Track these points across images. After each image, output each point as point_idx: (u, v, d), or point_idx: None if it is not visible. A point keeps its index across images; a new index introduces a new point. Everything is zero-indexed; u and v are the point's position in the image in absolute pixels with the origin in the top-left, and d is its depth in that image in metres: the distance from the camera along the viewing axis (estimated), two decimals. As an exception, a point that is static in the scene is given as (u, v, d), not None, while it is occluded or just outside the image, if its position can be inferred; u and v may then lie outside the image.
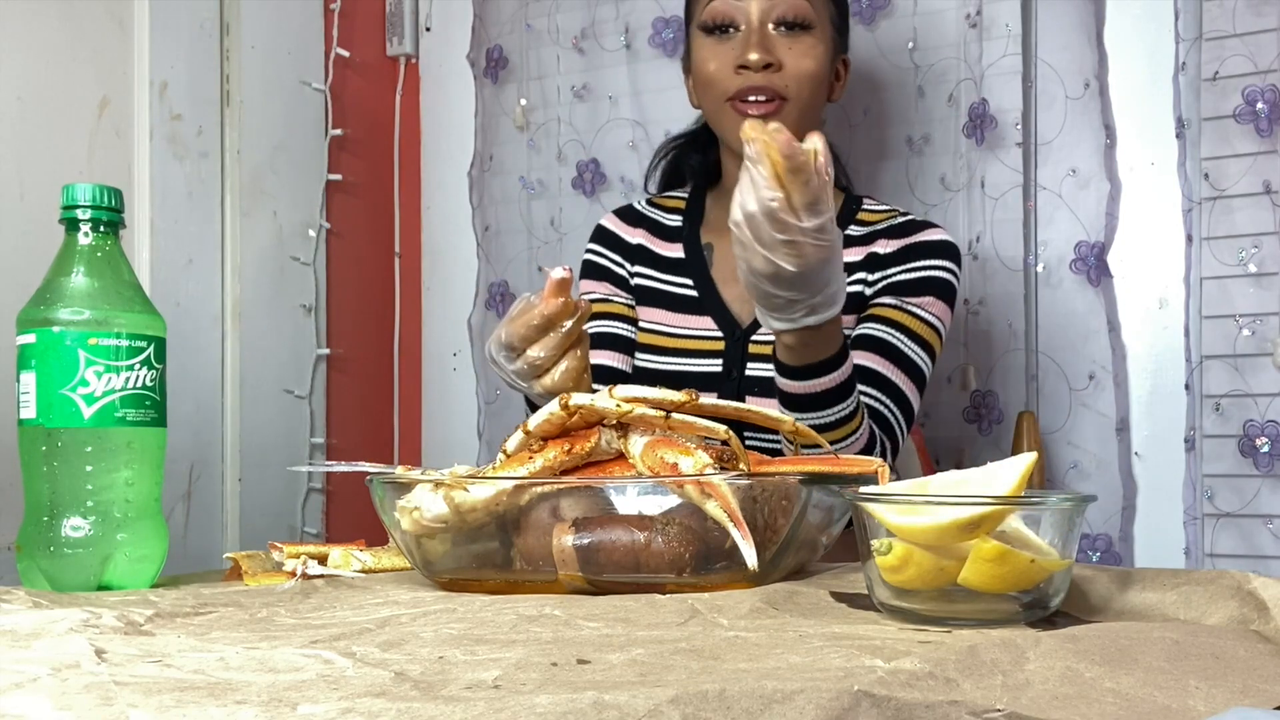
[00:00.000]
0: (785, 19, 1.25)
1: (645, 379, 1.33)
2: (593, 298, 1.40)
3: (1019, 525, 0.67)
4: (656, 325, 1.36)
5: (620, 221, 1.43)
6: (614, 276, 1.41)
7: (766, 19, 1.25)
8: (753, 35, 1.25)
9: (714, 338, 1.32)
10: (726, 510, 0.75)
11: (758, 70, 1.24)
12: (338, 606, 0.77)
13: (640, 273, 1.40)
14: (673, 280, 1.37)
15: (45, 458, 0.88)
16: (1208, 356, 1.46)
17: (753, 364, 1.29)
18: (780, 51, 1.25)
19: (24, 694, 0.50)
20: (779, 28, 1.25)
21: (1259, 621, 0.65)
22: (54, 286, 0.90)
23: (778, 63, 1.25)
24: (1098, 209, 1.53)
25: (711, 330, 1.32)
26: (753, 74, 1.24)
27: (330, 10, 1.84)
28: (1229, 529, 1.45)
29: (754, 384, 1.28)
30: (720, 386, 1.29)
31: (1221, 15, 1.45)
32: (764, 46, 1.24)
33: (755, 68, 1.24)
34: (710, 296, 1.34)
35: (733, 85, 1.26)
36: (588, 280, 1.42)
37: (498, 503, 0.80)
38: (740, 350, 1.30)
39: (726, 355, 1.31)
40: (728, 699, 0.46)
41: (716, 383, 1.30)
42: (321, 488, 1.80)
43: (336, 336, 1.84)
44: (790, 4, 1.25)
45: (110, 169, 1.50)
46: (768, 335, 1.28)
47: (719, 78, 1.26)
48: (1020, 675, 0.53)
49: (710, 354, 1.31)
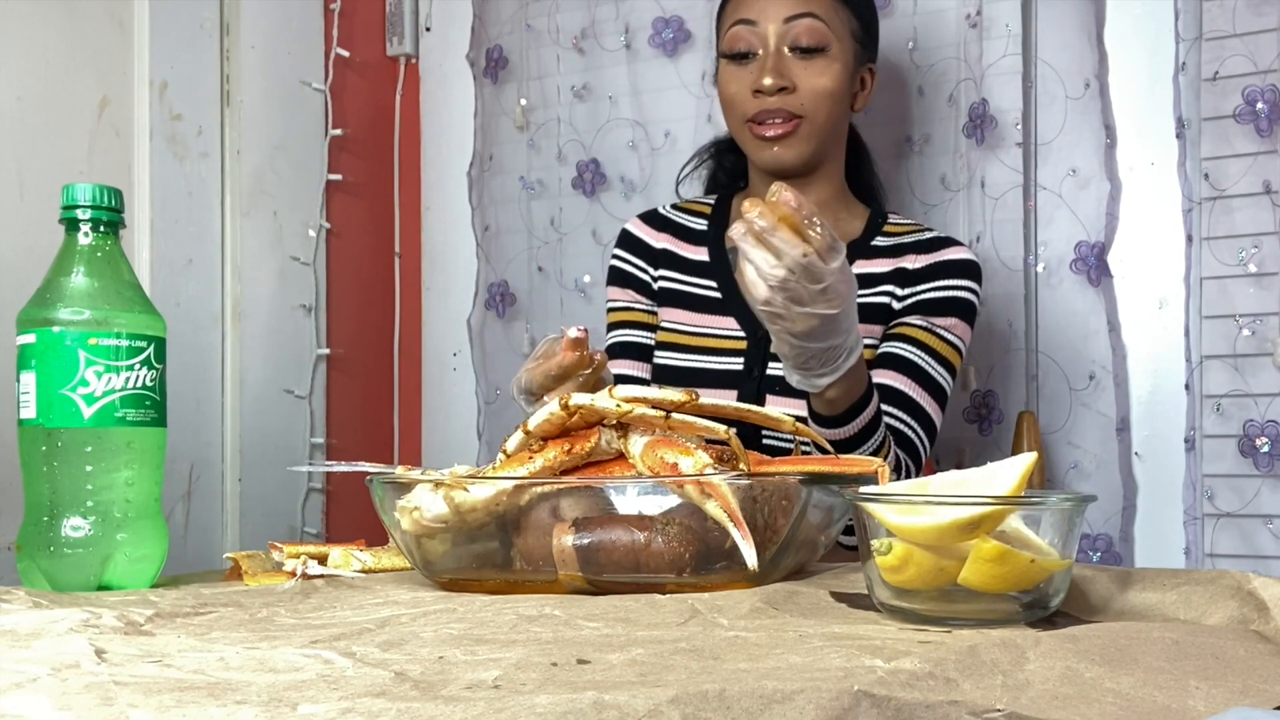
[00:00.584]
0: (800, 43, 1.29)
1: (667, 377, 1.36)
2: (616, 305, 1.44)
3: (1019, 525, 0.67)
4: (678, 325, 1.39)
5: (646, 226, 1.45)
6: (638, 282, 1.43)
7: (782, 43, 1.30)
8: (769, 60, 1.29)
9: (737, 337, 1.34)
10: (726, 510, 0.75)
11: (772, 94, 1.29)
12: (338, 606, 0.77)
13: (664, 275, 1.42)
14: (696, 282, 1.40)
15: (45, 458, 0.88)
16: (1208, 356, 1.46)
17: (774, 363, 1.31)
18: (795, 74, 1.29)
19: (24, 694, 0.50)
20: (795, 51, 1.29)
21: (1259, 621, 0.65)
22: (54, 286, 0.90)
23: (792, 85, 1.29)
24: (1098, 209, 1.53)
25: (734, 330, 1.35)
26: (768, 98, 1.29)
27: (330, 10, 1.84)
28: (1229, 529, 1.45)
29: (775, 383, 1.30)
30: (742, 385, 1.31)
31: (1221, 15, 1.45)
32: (778, 71, 1.29)
33: (769, 92, 1.29)
34: (733, 297, 1.35)
35: (750, 108, 1.31)
36: (613, 287, 1.46)
37: (498, 503, 0.80)
38: (762, 350, 1.32)
39: (748, 355, 1.33)
40: (728, 699, 0.46)
41: (738, 380, 1.32)
42: (321, 488, 1.80)
43: (336, 336, 1.84)
44: (806, 28, 1.29)
45: (110, 169, 1.50)
46: None
47: (738, 101, 1.32)
48: (1020, 675, 0.53)
49: (732, 353, 1.34)
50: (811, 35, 1.29)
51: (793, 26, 1.29)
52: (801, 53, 1.29)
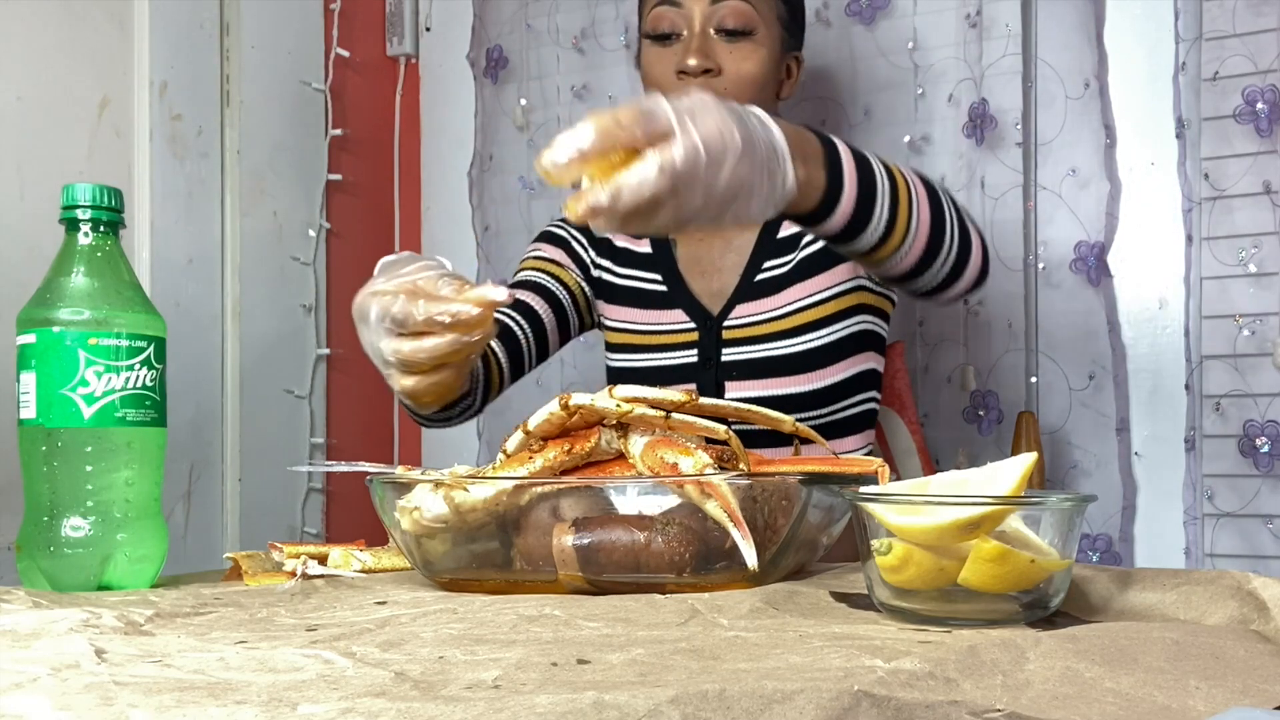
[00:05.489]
0: (725, 25, 1.27)
1: (624, 379, 1.34)
2: (540, 255, 1.40)
3: (1019, 525, 0.67)
4: (627, 324, 1.37)
5: None
6: (570, 250, 1.41)
7: (708, 25, 1.27)
8: (693, 41, 1.27)
9: (687, 329, 1.33)
10: (726, 510, 0.75)
11: (696, 75, 1.26)
12: (338, 606, 0.77)
13: (604, 266, 1.40)
14: (640, 275, 1.38)
15: (45, 458, 0.88)
16: (1208, 356, 1.46)
17: (728, 349, 1.30)
18: (720, 56, 1.27)
19: (24, 694, 0.50)
20: (720, 33, 1.27)
21: (1259, 621, 0.65)
22: (54, 286, 0.90)
23: (717, 67, 1.27)
24: (1098, 209, 1.53)
25: (683, 323, 1.33)
26: (692, 79, 1.26)
27: (330, 10, 1.84)
28: (1229, 529, 1.45)
29: (731, 369, 1.29)
30: (698, 377, 1.30)
31: (1221, 15, 1.45)
32: (703, 52, 1.26)
33: (693, 73, 1.26)
34: (678, 289, 1.35)
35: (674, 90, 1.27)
36: (542, 243, 1.42)
37: (498, 503, 0.80)
38: (714, 338, 1.31)
39: (701, 345, 1.31)
40: (728, 699, 0.46)
41: (694, 373, 1.31)
42: (321, 488, 1.80)
43: (336, 336, 1.84)
44: (731, 10, 1.27)
45: (110, 169, 1.50)
46: (739, 320, 1.29)
47: (662, 83, 1.29)
48: (1020, 675, 0.53)
49: (685, 346, 1.32)
50: (737, 18, 1.27)
51: (718, 9, 1.27)
52: (727, 35, 1.27)
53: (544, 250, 1.41)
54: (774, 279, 1.31)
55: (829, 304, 1.29)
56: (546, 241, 1.42)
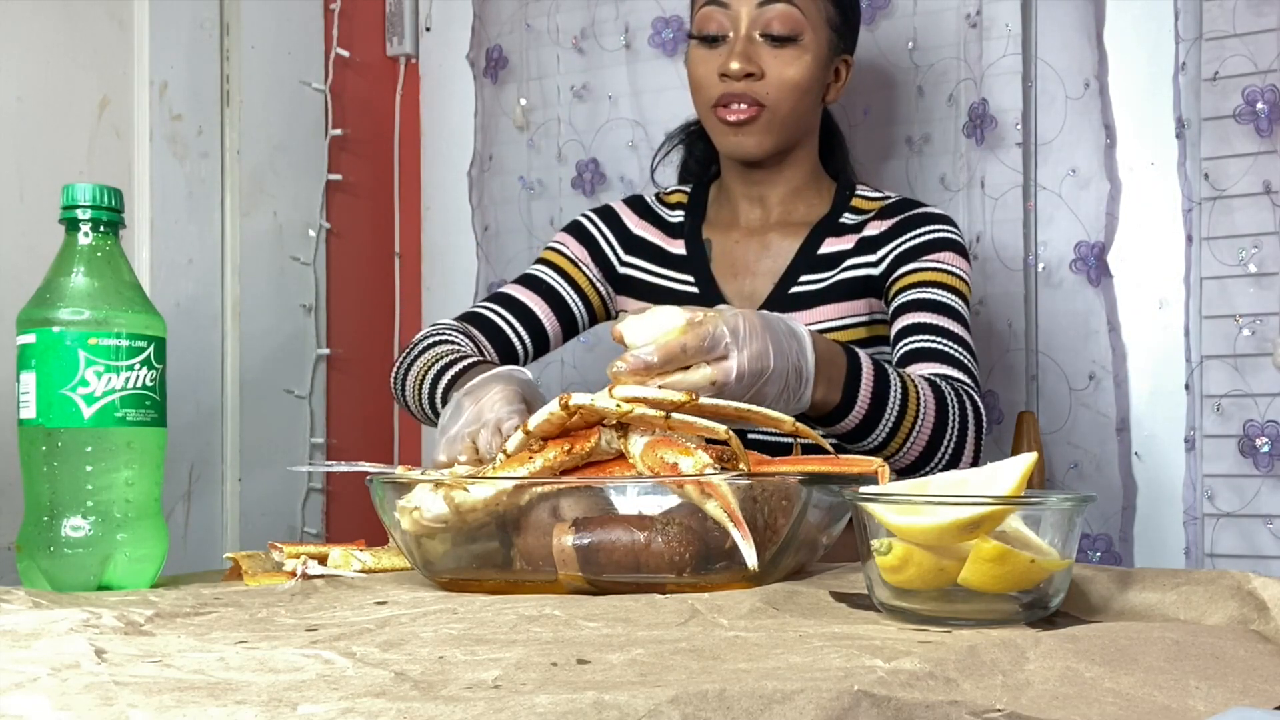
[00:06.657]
0: (771, 30, 1.27)
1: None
2: (560, 249, 1.41)
3: (1019, 525, 0.67)
4: None
5: (630, 211, 1.44)
6: (596, 249, 1.41)
7: (753, 28, 1.27)
8: (738, 44, 1.27)
9: None
10: (726, 510, 0.75)
11: (738, 79, 1.27)
12: (338, 606, 0.77)
13: (637, 265, 1.41)
14: (675, 277, 1.39)
15: (45, 458, 0.88)
16: (1208, 356, 1.46)
17: None
18: (764, 60, 1.27)
19: (24, 694, 0.50)
20: (765, 38, 1.27)
21: (1259, 621, 0.65)
22: (54, 286, 0.90)
23: (759, 71, 1.27)
24: (1098, 209, 1.53)
25: None
26: (734, 82, 1.27)
27: (330, 10, 1.84)
28: (1229, 529, 1.45)
29: None
30: None
31: (1221, 15, 1.45)
32: (746, 56, 1.27)
33: (736, 76, 1.27)
34: (710, 292, 1.35)
35: (715, 92, 1.29)
36: (570, 235, 1.42)
37: (498, 503, 0.80)
38: None
39: None
40: (728, 699, 0.46)
41: None
42: (321, 488, 1.80)
43: (336, 336, 1.84)
44: (778, 14, 1.27)
45: (110, 169, 1.50)
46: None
47: (704, 84, 1.30)
48: (1020, 675, 0.53)
49: None
50: (784, 23, 1.27)
51: (765, 12, 1.27)
52: (773, 40, 1.27)
53: (567, 246, 1.41)
54: (808, 294, 1.31)
55: (858, 330, 1.30)
56: (573, 234, 1.42)
